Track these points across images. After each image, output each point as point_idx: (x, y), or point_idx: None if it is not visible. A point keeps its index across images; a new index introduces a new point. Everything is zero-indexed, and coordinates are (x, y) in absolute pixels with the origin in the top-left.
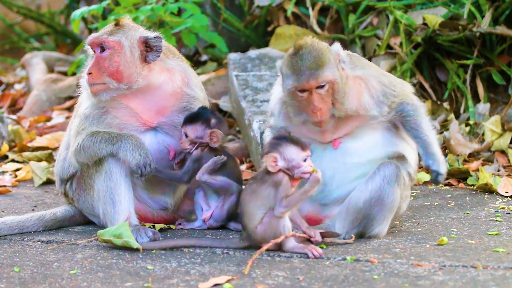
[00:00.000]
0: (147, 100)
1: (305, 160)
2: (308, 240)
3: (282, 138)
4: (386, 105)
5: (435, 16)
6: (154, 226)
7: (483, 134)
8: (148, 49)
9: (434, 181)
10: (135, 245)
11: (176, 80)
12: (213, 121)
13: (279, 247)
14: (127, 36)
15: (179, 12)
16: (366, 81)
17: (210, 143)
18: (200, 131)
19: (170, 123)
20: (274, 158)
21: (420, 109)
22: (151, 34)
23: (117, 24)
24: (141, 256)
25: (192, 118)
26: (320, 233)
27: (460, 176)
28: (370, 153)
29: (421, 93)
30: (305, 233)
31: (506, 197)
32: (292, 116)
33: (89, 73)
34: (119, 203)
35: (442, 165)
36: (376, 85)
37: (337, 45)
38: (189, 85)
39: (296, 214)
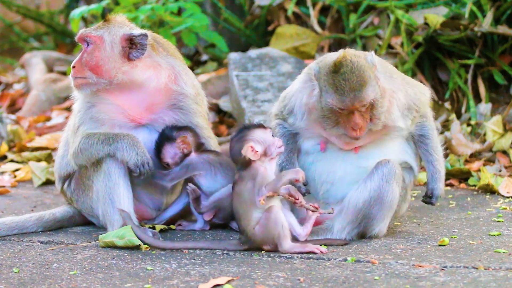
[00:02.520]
0: (133, 96)
1: (272, 136)
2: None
3: (243, 129)
4: (410, 119)
5: (436, 16)
6: (154, 227)
7: (484, 134)
8: (133, 46)
9: (426, 200)
10: (137, 242)
11: (161, 77)
12: (174, 133)
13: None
14: (110, 32)
15: (179, 12)
16: (394, 93)
17: (183, 152)
18: (171, 151)
19: (161, 121)
20: (251, 147)
21: (434, 131)
22: (136, 31)
23: (105, 20)
24: (141, 257)
25: (157, 148)
26: (326, 242)
27: (462, 176)
28: (384, 157)
29: None
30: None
31: (508, 197)
32: (327, 128)
33: (73, 67)
34: (118, 203)
35: (441, 191)
36: (402, 98)
37: (372, 56)
38: (177, 82)
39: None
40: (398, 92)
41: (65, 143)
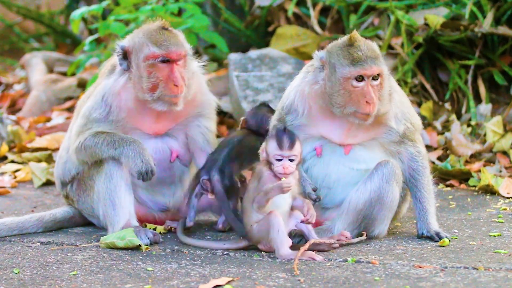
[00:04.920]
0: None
1: (279, 160)
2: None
3: (275, 131)
4: (402, 125)
5: (436, 16)
6: (155, 228)
7: (484, 135)
8: None
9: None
10: (138, 242)
11: (200, 84)
12: None
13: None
14: (187, 44)
15: (180, 12)
16: (393, 90)
17: None
18: None
19: (180, 128)
20: (262, 149)
21: (426, 170)
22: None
23: (167, 29)
24: (141, 257)
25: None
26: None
27: (462, 177)
28: (377, 162)
29: (423, 93)
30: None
31: (508, 198)
32: (335, 108)
33: (179, 85)
34: (119, 206)
35: (433, 227)
36: (398, 101)
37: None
38: (202, 91)
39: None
40: (394, 93)
41: (67, 148)
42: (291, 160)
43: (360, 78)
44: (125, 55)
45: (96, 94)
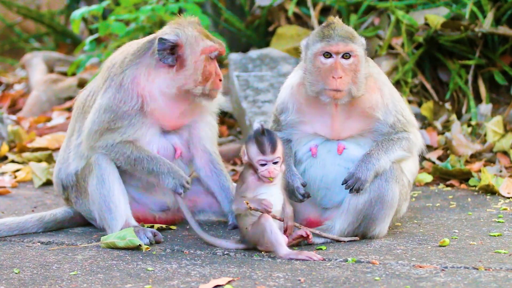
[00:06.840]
0: (191, 102)
1: (263, 165)
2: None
3: (254, 134)
4: (392, 117)
5: (437, 16)
6: (152, 226)
7: (485, 135)
8: None
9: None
10: (138, 242)
11: None
12: None
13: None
14: None
15: (180, 12)
16: (379, 83)
17: None
18: None
19: (189, 124)
20: (243, 151)
21: (414, 147)
22: None
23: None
24: (141, 257)
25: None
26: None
27: (462, 177)
28: None
29: (423, 93)
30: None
31: (508, 198)
32: (308, 87)
33: (222, 79)
34: (115, 209)
35: (362, 175)
36: (387, 93)
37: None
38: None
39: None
40: (384, 86)
41: (70, 150)
42: (275, 163)
43: (328, 55)
44: (171, 50)
45: (123, 85)
